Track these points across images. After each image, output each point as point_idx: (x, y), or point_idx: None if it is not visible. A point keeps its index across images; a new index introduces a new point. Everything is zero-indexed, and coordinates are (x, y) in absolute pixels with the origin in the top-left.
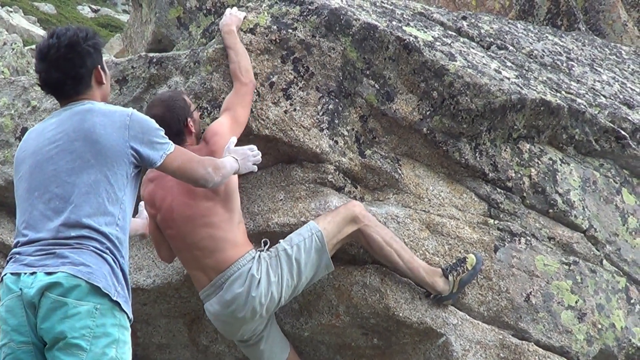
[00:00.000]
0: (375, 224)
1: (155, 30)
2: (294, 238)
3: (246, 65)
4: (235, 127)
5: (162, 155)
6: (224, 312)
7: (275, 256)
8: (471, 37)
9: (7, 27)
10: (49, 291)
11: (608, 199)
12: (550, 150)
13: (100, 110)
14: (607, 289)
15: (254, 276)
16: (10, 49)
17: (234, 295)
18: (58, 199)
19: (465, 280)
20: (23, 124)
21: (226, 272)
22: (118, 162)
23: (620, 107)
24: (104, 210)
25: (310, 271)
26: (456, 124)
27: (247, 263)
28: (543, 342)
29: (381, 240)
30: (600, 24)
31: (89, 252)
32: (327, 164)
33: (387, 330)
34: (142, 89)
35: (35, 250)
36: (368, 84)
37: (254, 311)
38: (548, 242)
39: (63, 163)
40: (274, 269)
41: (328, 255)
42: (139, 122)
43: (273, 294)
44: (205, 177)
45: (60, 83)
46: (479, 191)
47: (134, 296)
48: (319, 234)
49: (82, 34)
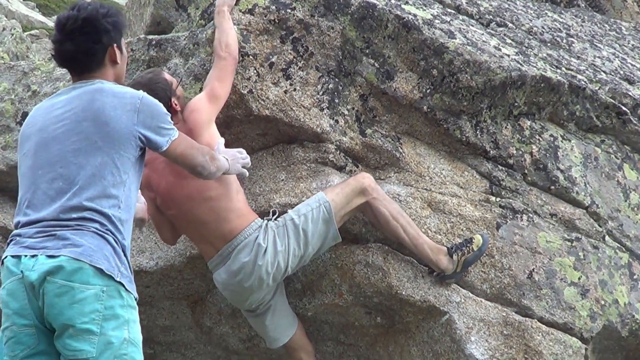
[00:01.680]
0: (384, 198)
1: (153, 12)
2: (301, 208)
3: (226, 40)
4: (213, 101)
5: (168, 140)
6: (231, 282)
7: (283, 225)
8: (470, 15)
9: (6, 13)
10: (52, 276)
11: (610, 175)
12: (551, 126)
13: (111, 91)
14: (609, 265)
15: (260, 245)
16: (9, 34)
17: (240, 265)
18: (62, 179)
19: (469, 260)
20: (23, 108)
21: (233, 241)
22: (125, 145)
23: (621, 83)
24: (108, 193)
25: (317, 241)
26: (456, 102)
27: (253, 232)
28: (546, 319)
29: (388, 215)
30: (600, 0)
31: (90, 234)
32: (327, 144)
33: (391, 309)
34: (142, 72)
35: (35, 232)
36: (368, 62)
37: (260, 280)
38: (550, 218)
39: (69, 143)
40: (281, 238)
41: (335, 227)
42: (149, 106)
43: (280, 263)
44: (202, 164)
45: (73, 56)
46: (481, 169)
47: (137, 279)
48: (327, 205)
49: (103, 10)
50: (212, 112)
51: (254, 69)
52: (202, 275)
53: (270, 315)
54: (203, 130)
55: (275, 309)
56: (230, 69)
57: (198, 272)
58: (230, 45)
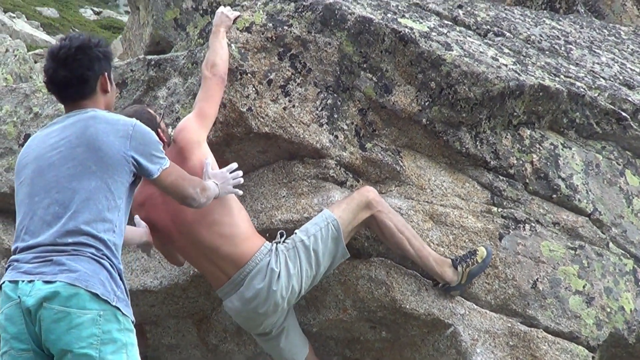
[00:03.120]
0: (388, 210)
1: (152, 32)
2: (310, 228)
3: (213, 59)
4: (201, 121)
5: (159, 168)
6: (245, 308)
7: (293, 247)
8: (467, 26)
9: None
10: (48, 302)
11: (612, 181)
12: (551, 135)
13: (104, 118)
14: (614, 272)
15: (273, 270)
16: (12, 55)
17: (255, 292)
18: (58, 204)
19: (474, 272)
20: (26, 130)
21: (244, 268)
22: (118, 170)
23: (620, 88)
24: (103, 217)
25: (327, 260)
26: (455, 114)
27: (264, 257)
28: (552, 328)
29: (393, 227)
30: (599, 5)
31: (86, 259)
32: (328, 159)
33: (395, 322)
34: (142, 92)
35: (33, 257)
36: (366, 77)
37: (276, 305)
38: (553, 227)
39: (64, 169)
40: (292, 261)
41: (344, 244)
42: (142, 133)
43: (294, 286)
44: (193, 196)
45: (66, 82)
46: (481, 180)
47: (141, 298)
48: (335, 223)
49: (94, 40)
50: (201, 132)
51: (253, 86)
52: (207, 293)
53: (284, 336)
54: (193, 148)
55: (289, 330)
56: (216, 88)
57: (202, 290)
58: (216, 65)
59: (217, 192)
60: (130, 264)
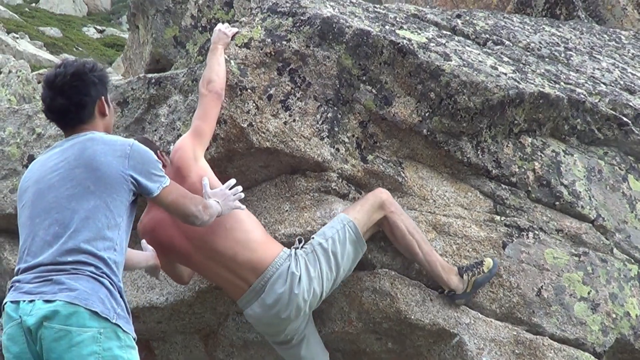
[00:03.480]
0: (401, 212)
1: (152, 50)
2: (327, 231)
3: (209, 76)
4: (197, 138)
5: (159, 187)
6: (267, 314)
7: (312, 251)
8: (466, 35)
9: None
10: (49, 321)
11: (614, 186)
12: (552, 142)
13: (102, 139)
14: (619, 278)
15: (294, 274)
16: (15, 76)
17: (277, 296)
18: (58, 224)
19: (479, 281)
20: (29, 151)
21: (265, 273)
22: (117, 189)
23: (621, 94)
24: (103, 235)
25: (347, 262)
26: (456, 123)
27: (284, 262)
28: (558, 336)
29: (405, 229)
30: (600, 10)
31: (86, 277)
32: (330, 172)
33: (401, 333)
34: (143, 110)
35: (33, 277)
36: (365, 89)
37: (298, 309)
38: (556, 234)
39: (64, 190)
40: (312, 264)
41: (363, 242)
42: (139, 153)
43: (315, 289)
44: (195, 214)
45: (65, 109)
46: (484, 189)
47: (148, 315)
48: (352, 224)
49: (88, 65)
50: (197, 149)
51: (253, 102)
52: (213, 308)
53: (305, 344)
54: (190, 166)
55: (310, 338)
56: (211, 104)
57: (208, 305)
58: (212, 82)
59: (220, 210)
60: (136, 281)
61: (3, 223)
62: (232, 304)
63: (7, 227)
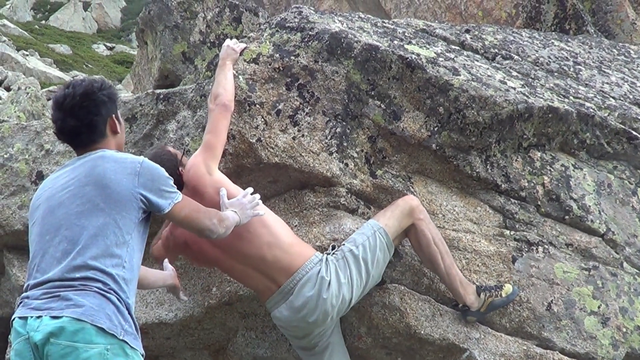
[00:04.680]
0: (429, 221)
1: (161, 66)
2: (357, 238)
3: (216, 91)
4: (208, 152)
5: (170, 203)
6: (294, 317)
7: (342, 258)
8: (475, 50)
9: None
10: (55, 337)
11: (624, 200)
12: (562, 156)
13: (112, 157)
14: (629, 292)
15: (323, 278)
16: (24, 93)
17: (305, 300)
18: (67, 241)
19: (495, 304)
20: (38, 168)
21: (295, 276)
22: (127, 207)
23: (631, 108)
24: (111, 252)
25: (376, 269)
26: (465, 138)
27: (314, 266)
28: (568, 350)
29: (430, 238)
30: (609, 25)
31: (93, 294)
32: (338, 187)
33: (411, 348)
34: (152, 126)
35: (42, 293)
36: (374, 104)
37: (325, 314)
38: (566, 248)
39: (73, 207)
40: (342, 270)
41: (393, 248)
42: (150, 170)
43: (344, 295)
44: (210, 227)
45: (76, 131)
46: (493, 203)
47: (157, 331)
48: (382, 231)
49: (97, 84)
50: (209, 162)
51: (262, 117)
52: (222, 324)
53: (329, 353)
54: (205, 181)
55: (334, 347)
56: (219, 117)
57: (217, 321)
58: (220, 95)
59: (238, 220)
60: (145, 297)
61: (12, 239)
62: (242, 319)
63: (16, 244)
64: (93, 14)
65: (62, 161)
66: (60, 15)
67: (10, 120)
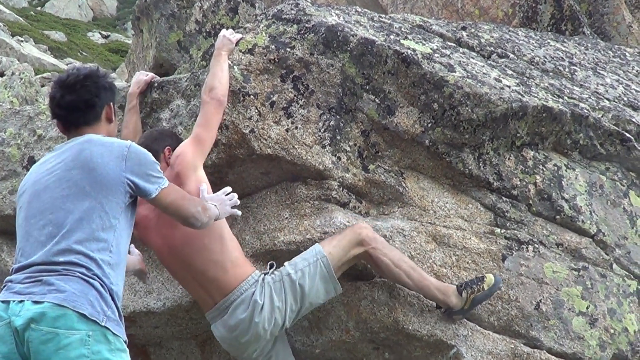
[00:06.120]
0: (383, 246)
1: (156, 54)
2: (299, 263)
3: (212, 83)
4: (198, 145)
5: (157, 188)
6: (229, 336)
7: (280, 280)
8: (471, 47)
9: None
10: (35, 323)
11: (615, 202)
12: (554, 156)
13: (99, 141)
14: (618, 293)
15: (257, 302)
16: (18, 78)
17: (237, 321)
18: (52, 224)
19: (478, 299)
20: (29, 153)
21: (230, 296)
22: (113, 191)
23: (625, 110)
24: (97, 236)
25: (314, 296)
26: (458, 135)
27: (249, 287)
28: (555, 350)
29: (389, 263)
30: (605, 27)
31: (76, 279)
32: (330, 181)
33: (398, 344)
34: (145, 114)
35: (25, 277)
36: (368, 98)
37: (257, 336)
38: (556, 248)
39: (59, 191)
40: (277, 294)
41: (335, 281)
42: (137, 154)
43: (277, 319)
44: (195, 215)
45: (73, 106)
46: (485, 201)
47: (145, 320)
48: (324, 260)
49: (101, 72)
50: (197, 156)
51: (255, 108)
52: None
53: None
54: (189, 172)
55: (278, 354)
56: (213, 111)
57: None
58: (214, 89)
59: (217, 213)
60: (133, 286)
61: (2, 224)
62: None
63: (5, 229)
64: (89, 2)
65: (54, 147)
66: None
67: (3, 105)
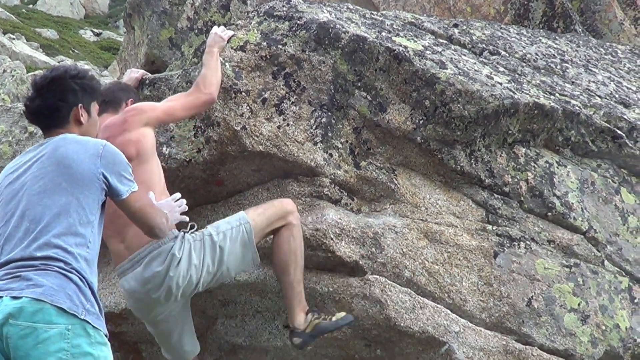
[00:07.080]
0: (298, 231)
1: (147, 51)
2: (221, 225)
3: (211, 79)
4: (163, 111)
5: (128, 190)
6: (139, 290)
7: (200, 240)
8: (463, 44)
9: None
10: (14, 319)
11: (607, 199)
12: (546, 153)
13: (74, 139)
14: (609, 290)
15: (174, 255)
16: (10, 76)
17: (152, 274)
18: (29, 220)
19: (322, 327)
20: (21, 149)
21: (147, 247)
22: (90, 187)
23: (616, 107)
24: (74, 231)
25: (233, 262)
26: (450, 132)
27: (169, 241)
28: (547, 346)
29: (296, 247)
30: (597, 25)
31: (54, 273)
32: (322, 177)
33: (390, 340)
34: None
35: (4, 274)
36: (360, 95)
37: (169, 292)
38: (548, 245)
39: (36, 187)
40: (197, 252)
41: (254, 250)
42: (111, 153)
43: (192, 277)
44: (160, 226)
45: (38, 111)
46: (476, 197)
47: (137, 317)
48: (247, 226)
49: (74, 72)
50: (154, 116)
51: (247, 105)
52: (202, 312)
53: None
54: (137, 124)
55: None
56: (200, 103)
57: (197, 309)
58: (212, 85)
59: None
60: None
61: None
62: (221, 306)
63: None
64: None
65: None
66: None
67: None
